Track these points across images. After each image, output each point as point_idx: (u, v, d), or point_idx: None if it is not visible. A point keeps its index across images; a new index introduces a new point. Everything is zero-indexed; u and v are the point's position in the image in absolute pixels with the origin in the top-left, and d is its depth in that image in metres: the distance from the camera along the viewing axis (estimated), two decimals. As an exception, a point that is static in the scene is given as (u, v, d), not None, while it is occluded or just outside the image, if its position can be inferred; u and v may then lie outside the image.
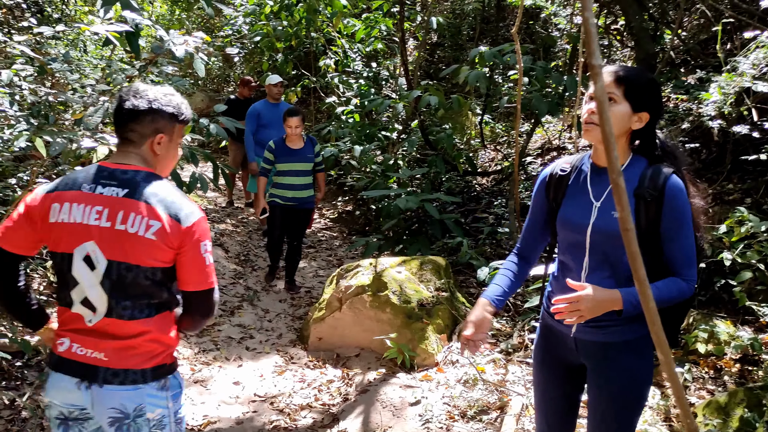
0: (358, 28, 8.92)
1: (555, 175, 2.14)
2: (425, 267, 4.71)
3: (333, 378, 4.13)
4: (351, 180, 8.15)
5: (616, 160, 0.62)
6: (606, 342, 2.04)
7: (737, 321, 4.24)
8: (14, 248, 1.87)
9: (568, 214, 2.07)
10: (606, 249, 1.99)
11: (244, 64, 13.25)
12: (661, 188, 1.91)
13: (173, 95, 1.94)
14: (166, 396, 1.93)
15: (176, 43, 2.81)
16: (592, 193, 2.03)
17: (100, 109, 2.35)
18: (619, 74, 1.93)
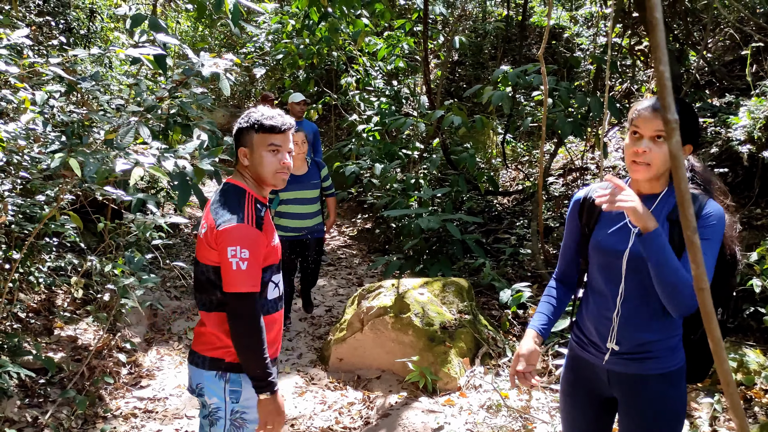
0: (380, 46, 8.96)
1: (588, 199, 2.13)
2: (448, 289, 4.68)
3: (354, 400, 4.10)
4: (371, 198, 8.15)
5: (692, 217, 0.59)
6: (640, 374, 2.00)
7: (767, 350, 4.14)
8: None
9: (604, 239, 2.04)
10: (643, 275, 1.96)
11: (265, 81, 13.38)
12: (698, 212, 1.91)
13: (252, 111, 2.17)
14: (223, 388, 2.11)
15: (206, 65, 2.84)
16: (629, 219, 2.01)
17: (130, 130, 2.37)
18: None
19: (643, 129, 1.91)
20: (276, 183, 2.17)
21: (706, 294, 0.62)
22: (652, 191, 2.01)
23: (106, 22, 10.05)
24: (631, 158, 1.93)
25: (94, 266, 3.95)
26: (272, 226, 2.19)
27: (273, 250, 2.13)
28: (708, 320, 0.62)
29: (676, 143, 0.58)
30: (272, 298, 2.16)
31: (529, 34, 12.02)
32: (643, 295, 1.98)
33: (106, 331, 4.14)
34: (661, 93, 0.58)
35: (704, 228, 1.90)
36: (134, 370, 4.23)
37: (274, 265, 2.15)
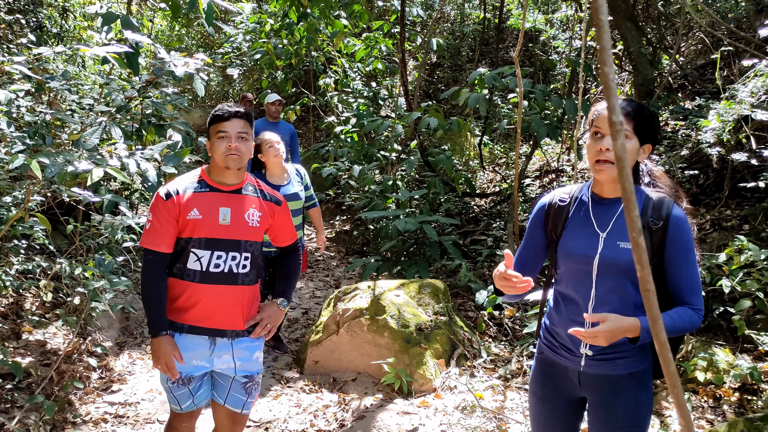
0: (358, 47, 8.95)
1: (554, 205, 2.12)
2: (424, 290, 4.68)
3: (329, 403, 4.07)
4: (349, 200, 8.13)
5: (637, 219, 0.59)
6: (612, 375, 2.02)
7: (736, 349, 4.21)
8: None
9: (573, 245, 2.03)
10: (614, 279, 1.97)
11: (243, 81, 13.29)
12: (666, 218, 1.94)
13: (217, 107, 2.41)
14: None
15: (177, 64, 2.80)
16: (597, 224, 2.01)
17: (97, 130, 2.33)
18: (628, 110, 1.93)
19: (603, 128, 1.93)
20: (227, 164, 2.39)
21: (651, 296, 0.62)
22: (616, 195, 2.02)
23: (79, 20, 9.91)
24: (594, 158, 1.93)
25: (64, 269, 3.88)
26: (204, 203, 2.38)
27: (190, 223, 2.35)
28: (654, 323, 0.62)
29: (621, 145, 0.58)
30: (192, 268, 2.37)
31: (507, 37, 12.10)
32: (614, 299, 1.98)
33: (76, 335, 4.07)
34: (607, 95, 0.58)
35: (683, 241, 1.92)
36: (105, 375, 4.17)
37: (194, 238, 2.36)
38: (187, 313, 2.42)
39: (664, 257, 1.96)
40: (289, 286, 2.73)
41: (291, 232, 2.70)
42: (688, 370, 3.95)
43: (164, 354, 2.36)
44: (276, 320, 2.60)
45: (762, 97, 4.43)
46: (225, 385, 2.55)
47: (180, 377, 2.45)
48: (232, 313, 2.45)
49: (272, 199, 2.59)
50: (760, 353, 4.14)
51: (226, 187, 2.45)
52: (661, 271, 1.98)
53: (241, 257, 2.43)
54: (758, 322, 4.20)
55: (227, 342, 2.48)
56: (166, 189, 2.39)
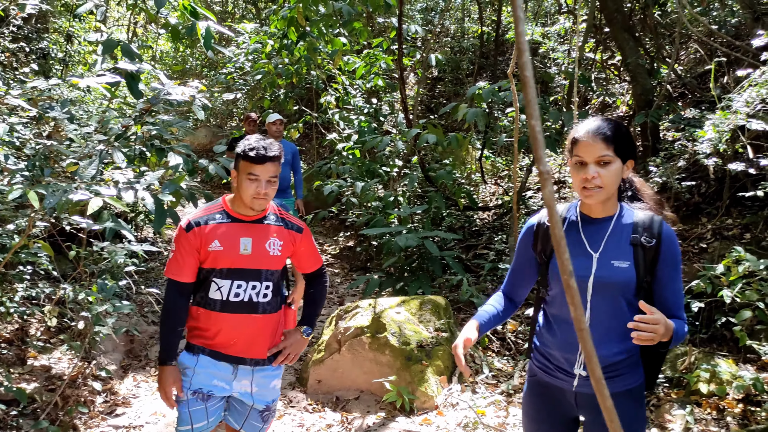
0: (358, 65, 9.04)
1: (542, 226, 2.12)
2: (425, 307, 4.69)
3: (332, 422, 4.08)
4: (353, 216, 8.17)
5: (568, 262, 0.63)
6: (609, 393, 2.03)
7: (739, 360, 4.19)
8: None
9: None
10: (608, 298, 1.99)
11: (247, 100, 13.42)
12: (658, 235, 1.98)
13: (247, 138, 2.43)
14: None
15: (172, 92, 2.86)
16: (588, 244, 2.03)
17: (94, 161, 2.38)
18: (607, 134, 1.94)
19: (585, 156, 1.94)
20: (254, 206, 2.44)
21: (585, 334, 0.65)
22: (606, 214, 2.05)
23: (84, 45, 10.07)
24: (581, 185, 1.95)
25: (68, 294, 3.92)
26: (225, 234, 2.42)
27: (212, 255, 2.39)
28: (589, 360, 0.64)
29: (549, 192, 0.61)
30: (213, 297, 2.42)
31: (507, 50, 12.17)
32: (608, 318, 2.00)
33: (80, 359, 4.11)
34: (534, 146, 0.61)
35: (673, 258, 1.98)
36: (110, 398, 4.20)
37: (215, 269, 2.41)
38: (210, 340, 2.46)
39: (656, 273, 2.00)
40: (315, 312, 2.74)
41: (315, 257, 2.72)
42: (691, 381, 3.94)
43: (166, 383, 2.40)
44: (299, 348, 2.63)
45: (758, 107, 4.44)
46: (243, 411, 2.57)
47: (201, 392, 2.46)
48: (252, 342, 2.49)
49: (294, 227, 2.60)
50: (763, 363, 4.12)
51: (247, 217, 2.49)
52: (651, 287, 2.01)
53: (261, 286, 2.46)
54: (760, 332, 4.19)
55: (249, 369, 2.51)
56: (188, 221, 2.44)
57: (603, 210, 2.04)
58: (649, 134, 6.61)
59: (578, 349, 2.01)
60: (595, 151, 1.92)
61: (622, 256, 1.99)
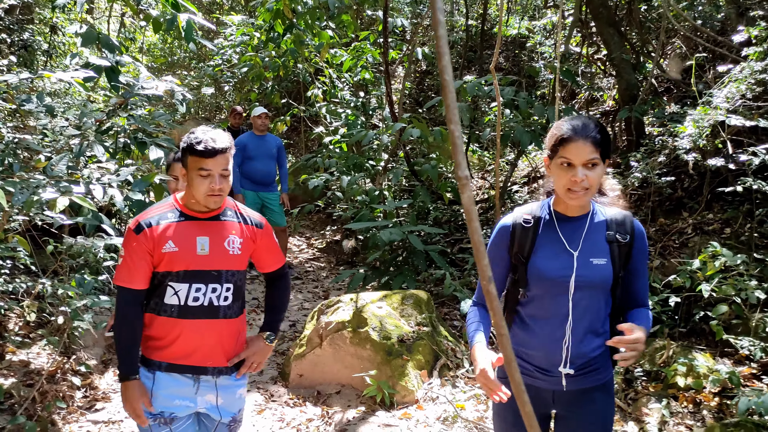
0: (345, 58, 9.01)
1: (518, 227, 2.09)
2: (406, 302, 4.70)
3: (313, 417, 4.09)
4: (339, 210, 8.17)
5: (487, 267, 0.63)
6: (585, 388, 2.07)
7: (716, 353, 4.23)
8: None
9: (548, 266, 2.03)
10: (589, 295, 2.02)
11: (234, 93, 13.36)
12: (631, 231, 2.04)
13: (191, 132, 2.23)
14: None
15: (146, 87, 2.84)
16: (567, 243, 2.04)
17: (65, 157, 2.36)
18: (596, 137, 1.94)
19: (574, 158, 1.92)
20: (208, 204, 2.25)
21: (505, 340, 0.65)
22: (582, 212, 2.07)
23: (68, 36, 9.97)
24: (567, 187, 1.94)
25: (46, 289, 3.90)
26: (180, 234, 2.24)
27: (166, 257, 2.20)
28: (509, 365, 0.65)
29: (468, 198, 0.61)
30: (169, 302, 2.24)
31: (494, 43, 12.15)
32: (589, 315, 2.03)
33: (59, 354, 4.10)
34: (453, 151, 0.61)
35: (644, 252, 2.08)
36: (89, 393, 4.19)
37: (171, 272, 2.22)
38: (165, 350, 2.27)
39: (629, 268, 2.06)
40: (278, 317, 2.56)
41: (277, 255, 2.52)
42: (668, 375, 3.97)
43: (132, 399, 2.23)
44: (263, 357, 2.45)
45: (738, 102, 4.47)
46: (210, 427, 2.43)
47: (162, 416, 2.29)
48: (213, 350, 2.31)
49: (254, 223, 2.42)
50: (740, 357, 4.16)
51: (203, 214, 2.31)
52: (622, 280, 2.06)
53: (222, 288, 2.28)
54: (737, 326, 4.22)
55: (211, 380, 2.34)
56: (138, 222, 2.25)
57: (579, 209, 2.05)
58: (634, 129, 6.63)
59: (562, 348, 2.02)
60: (584, 154, 1.92)
61: (600, 253, 2.02)
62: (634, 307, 2.10)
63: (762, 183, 4.16)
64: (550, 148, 2.02)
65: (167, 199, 2.38)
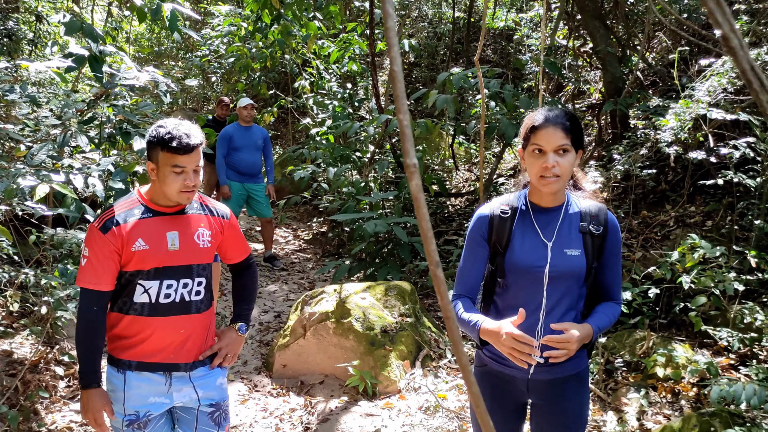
0: (333, 49, 8.99)
1: (495, 217, 2.11)
2: (390, 293, 4.73)
3: (296, 406, 4.12)
4: (325, 202, 8.17)
5: (434, 253, 0.65)
6: (559, 377, 2.10)
7: (696, 344, 4.29)
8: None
9: (523, 257, 2.05)
10: (562, 286, 2.05)
11: (222, 84, 13.30)
12: (604, 223, 2.07)
13: (160, 123, 2.14)
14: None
15: (128, 78, 2.83)
16: (542, 234, 2.07)
17: (45, 146, 2.35)
18: (566, 124, 1.98)
19: (545, 144, 1.96)
20: (181, 201, 2.20)
21: (452, 323, 0.67)
22: (556, 203, 2.09)
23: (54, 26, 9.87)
24: (539, 174, 1.97)
25: (29, 279, 3.89)
26: (149, 231, 2.18)
27: (136, 255, 2.14)
28: (456, 348, 0.66)
29: (416, 186, 0.63)
30: (139, 301, 2.17)
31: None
32: (563, 303, 2.05)
33: (42, 344, 4.09)
34: (402, 139, 0.62)
35: (617, 245, 2.10)
36: (72, 383, 4.18)
37: (142, 271, 2.15)
38: (135, 349, 2.20)
39: (601, 260, 2.09)
40: (247, 308, 2.50)
41: (243, 246, 2.48)
42: (648, 366, 4.03)
43: (93, 409, 2.14)
44: (236, 348, 2.41)
45: (719, 96, 4.51)
46: (191, 419, 2.35)
47: (137, 420, 2.23)
48: (184, 345, 2.26)
49: (221, 214, 2.38)
50: (719, 348, 4.22)
51: (169, 209, 2.24)
52: (595, 272, 2.10)
53: (193, 283, 2.24)
54: (717, 318, 4.29)
55: (184, 374, 2.28)
56: (103, 220, 2.15)
57: (554, 199, 2.08)
58: (618, 122, 6.67)
59: (536, 337, 2.05)
60: (555, 140, 1.95)
61: (574, 244, 2.05)
62: (603, 300, 2.14)
63: (742, 176, 4.21)
64: (523, 137, 2.05)
65: (130, 195, 2.29)
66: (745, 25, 4.42)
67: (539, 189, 2.03)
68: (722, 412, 3.29)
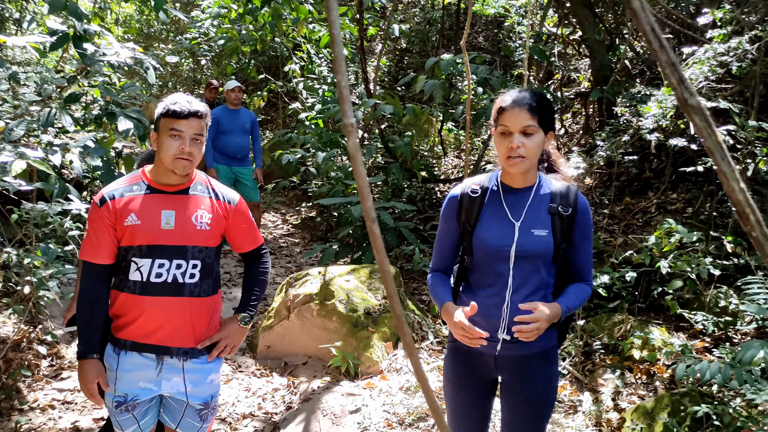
0: (323, 33, 8.96)
1: (466, 197, 2.15)
2: (374, 276, 4.77)
3: (279, 386, 4.16)
4: (314, 186, 8.18)
5: (371, 209, 0.68)
6: (527, 354, 2.14)
7: (672, 328, 4.36)
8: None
9: (489, 236, 2.09)
10: (529, 265, 2.09)
11: (212, 67, 13.23)
12: (573, 204, 2.09)
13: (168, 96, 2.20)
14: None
15: (108, 54, 2.83)
16: (510, 214, 2.10)
17: (23, 122, 2.36)
18: (532, 105, 2.01)
19: (511, 126, 2.00)
20: (175, 168, 2.17)
21: (387, 276, 0.70)
22: (526, 184, 2.13)
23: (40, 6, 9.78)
24: (506, 155, 2.01)
25: (11, 258, 3.90)
26: (144, 207, 2.18)
27: (128, 230, 2.15)
28: (391, 299, 0.70)
29: (353, 144, 0.66)
30: (132, 278, 2.17)
31: (475, 22, 12.14)
32: (530, 282, 2.09)
33: (24, 323, 4.10)
34: (340, 100, 0.65)
35: (587, 227, 2.12)
36: (56, 362, 4.21)
37: (133, 246, 2.16)
38: (129, 328, 2.20)
39: (571, 241, 2.12)
40: (254, 299, 2.43)
41: (253, 235, 2.42)
42: (624, 348, 4.09)
43: (88, 379, 2.16)
44: (236, 340, 2.35)
45: (701, 84, 4.55)
46: (178, 409, 2.32)
47: (124, 402, 2.23)
48: (179, 329, 2.21)
49: (226, 199, 2.32)
50: (695, 332, 4.30)
51: (170, 188, 2.23)
52: (565, 252, 2.12)
53: (187, 265, 2.19)
54: (694, 302, 4.36)
55: (177, 363, 2.24)
56: (101, 194, 2.18)
57: (524, 180, 2.11)
58: (605, 110, 6.72)
59: (502, 314, 2.09)
60: (520, 121, 1.98)
61: (541, 224, 2.08)
62: (574, 281, 2.17)
63: (722, 163, 4.27)
64: (493, 119, 2.09)
65: (135, 172, 2.29)
66: (727, 14, 4.45)
67: (507, 170, 2.06)
68: (693, 392, 3.36)
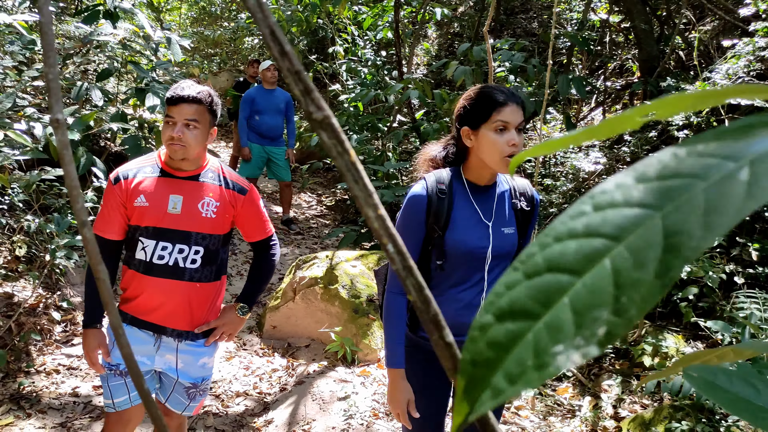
0: (366, 15, 8.89)
1: (433, 197, 2.01)
2: (383, 262, 4.71)
3: (278, 367, 4.19)
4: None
5: (75, 189, 0.62)
6: None
7: (690, 336, 4.14)
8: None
9: (465, 238, 1.99)
10: (501, 263, 2.05)
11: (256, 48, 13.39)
12: (531, 199, 2.13)
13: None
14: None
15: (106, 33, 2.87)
16: (482, 214, 2.03)
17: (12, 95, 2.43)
18: (523, 102, 1.99)
19: (511, 120, 1.93)
20: (171, 154, 2.21)
21: (102, 284, 0.65)
22: (491, 181, 2.06)
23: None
24: (505, 152, 1.92)
25: (29, 225, 4.05)
26: (153, 190, 2.21)
27: (137, 210, 2.20)
28: (107, 306, 0.65)
29: (59, 142, 0.61)
30: (138, 257, 2.24)
31: (531, 7, 11.78)
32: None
33: (40, 288, 4.26)
34: (49, 94, 0.61)
35: (535, 220, 2.16)
36: (69, 329, 4.37)
37: (140, 227, 2.21)
38: (131, 302, 2.30)
39: (526, 234, 2.14)
40: (255, 289, 2.44)
41: (262, 225, 2.42)
42: (635, 354, 3.92)
43: (90, 347, 2.25)
44: (234, 328, 2.39)
45: (742, 79, 4.26)
46: (168, 385, 2.43)
47: (118, 368, 2.30)
48: (176, 311, 2.28)
49: (236, 188, 2.33)
50: (714, 341, 4.07)
51: (181, 173, 2.26)
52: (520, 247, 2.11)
53: (190, 250, 2.23)
54: (717, 310, 4.12)
55: (172, 343, 2.33)
56: (117, 172, 2.24)
57: (490, 178, 2.03)
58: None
59: (471, 318, 2.01)
60: (518, 117, 1.95)
61: (508, 222, 2.06)
62: None
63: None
64: (479, 115, 1.96)
65: (152, 153, 2.33)
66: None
67: (495, 168, 1.96)
68: (699, 405, 3.18)
